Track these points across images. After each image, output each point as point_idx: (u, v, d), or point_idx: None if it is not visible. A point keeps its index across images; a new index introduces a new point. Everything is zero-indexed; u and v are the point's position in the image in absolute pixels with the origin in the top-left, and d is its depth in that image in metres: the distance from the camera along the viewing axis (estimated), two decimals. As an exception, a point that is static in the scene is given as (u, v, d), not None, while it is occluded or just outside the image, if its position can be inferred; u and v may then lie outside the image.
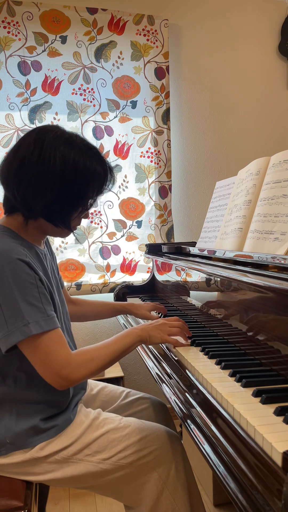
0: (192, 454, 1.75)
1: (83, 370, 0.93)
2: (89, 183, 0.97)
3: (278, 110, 2.56)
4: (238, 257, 1.14)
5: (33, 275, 0.91)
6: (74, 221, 1.03)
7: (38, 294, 0.91)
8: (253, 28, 2.49)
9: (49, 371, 0.91)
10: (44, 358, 0.90)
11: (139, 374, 2.38)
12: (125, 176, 2.28)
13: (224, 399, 0.74)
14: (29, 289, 0.89)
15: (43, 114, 2.14)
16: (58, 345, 0.91)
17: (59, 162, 0.92)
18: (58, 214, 0.98)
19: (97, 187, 1.00)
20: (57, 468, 1.00)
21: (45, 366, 0.91)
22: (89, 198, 1.01)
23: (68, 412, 1.04)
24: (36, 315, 0.89)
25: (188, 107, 2.43)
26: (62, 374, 0.91)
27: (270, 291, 0.86)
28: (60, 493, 1.81)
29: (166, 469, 1.03)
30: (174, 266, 1.59)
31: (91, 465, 1.00)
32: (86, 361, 0.95)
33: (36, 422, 0.98)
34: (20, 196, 0.95)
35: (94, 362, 0.95)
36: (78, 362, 0.93)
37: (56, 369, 0.90)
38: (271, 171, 1.20)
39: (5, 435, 0.97)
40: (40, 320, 0.89)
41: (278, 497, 0.52)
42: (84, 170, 0.95)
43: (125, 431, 1.04)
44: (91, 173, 0.96)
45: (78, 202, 0.99)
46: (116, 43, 2.20)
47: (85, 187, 0.97)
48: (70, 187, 0.94)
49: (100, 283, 2.26)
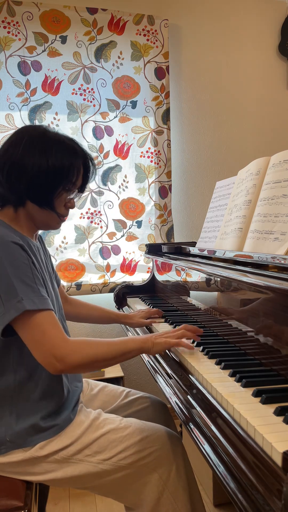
0: (192, 454, 1.75)
1: (79, 356, 0.92)
2: (67, 165, 1.01)
3: (278, 110, 2.56)
4: (238, 257, 1.14)
5: (26, 257, 0.94)
6: (59, 204, 1.05)
7: (32, 274, 0.93)
8: (253, 28, 2.49)
9: (43, 351, 0.90)
10: (39, 337, 0.90)
11: (139, 374, 2.38)
12: (125, 176, 2.28)
13: (224, 399, 0.74)
14: (23, 269, 0.92)
15: (43, 114, 2.14)
16: (53, 326, 0.91)
17: (38, 147, 0.99)
18: (40, 193, 1.01)
19: (74, 171, 1.03)
20: (57, 468, 1.00)
21: (40, 345, 0.90)
22: (68, 181, 1.03)
23: (68, 411, 1.04)
24: (30, 293, 0.90)
25: (188, 107, 2.43)
26: (57, 355, 0.89)
27: (270, 291, 0.86)
28: (60, 493, 1.81)
29: (167, 470, 1.03)
30: (174, 266, 1.59)
31: (91, 466, 1.00)
32: (83, 348, 0.94)
33: (36, 421, 0.98)
34: (5, 178, 1.00)
35: (91, 351, 0.94)
36: (74, 346, 0.93)
37: (51, 349, 0.90)
38: (271, 171, 1.20)
39: (5, 433, 0.97)
40: (33, 298, 0.90)
41: (278, 497, 0.52)
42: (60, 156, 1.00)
43: (125, 431, 1.03)
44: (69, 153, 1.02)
45: (57, 182, 1.02)
46: (116, 43, 2.20)
47: (62, 169, 1.01)
48: (49, 167, 0.99)
49: (100, 283, 2.26)
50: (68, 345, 0.91)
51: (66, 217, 1.10)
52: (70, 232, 2.22)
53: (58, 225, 1.10)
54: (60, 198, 1.04)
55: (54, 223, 1.08)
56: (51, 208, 1.04)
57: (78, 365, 0.93)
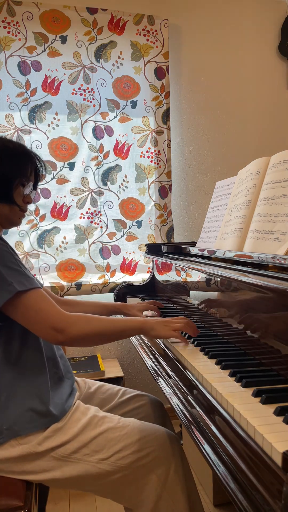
0: (192, 454, 1.75)
1: (79, 327, 0.96)
2: (17, 158, 1.10)
3: (278, 110, 2.56)
4: (238, 257, 1.14)
5: (5, 245, 0.98)
6: (17, 198, 1.10)
7: (14, 259, 0.98)
8: (253, 28, 2.49)
9: (43, 326, 0.94)
10: (35, 315, 0.94)
11: (139, 374, 2.38)
12: (125, 176, 2.28)
13: (224, 399, 0.74)
14: (6, 256, 0.96)
15: (43, 114, 2.14)
16: (47, 303, 0.96)
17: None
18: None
19: (24, 161, 1.11)
20: (56, 467, 1.00)
21: (38, 322, 0.94)
22: (23, 175, 1.10)
23: (61, 398, 1.05)
24: (17, 276, 0.95)
25: (188, 107, 2.43)
26: (56, 327, 0.94)
27: (270, 291, 0.86)
28: (60, 493, 1.81)
29: (165, 471, 1.03)
30: (174, 266, 1.59)
31: (89, 466, 1.00)
32: (81, 319, 0.98)
33: (30, 405, 1.00)
34: None
35: (91, 323, 0.99)
36: (73, 318, 0.97)
37: (51, 322, 0.94)
38: (271, 171, 1.20)
39: (1, 422, 0.99)
40: (22, 279, 0.95)
41: (278, 497, 0.52)
42: (9, 152, 1.08)
43: (123, 430, 1.04)
44: (13, 149, 1.10)
45: (11, 174, 1.08)
46: (116, 43, 2.20)
47: (13, 160, 1.09)
48: (4, 165, 1.07)
49: (100, 283, 2.26)
50: (65, 317, 0.96)
51: (26, 211, 1.16)
52: (70, 232, 2.22)
53: (20, 220, 1.15)
54: (18, 192, 1.10)
55: (16, 217, 1.13)
56: (11, 201, 1.09)
57: (79, 336, 0.97)
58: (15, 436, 0.98)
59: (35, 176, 1.16)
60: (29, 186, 1.15)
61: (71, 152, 2.19)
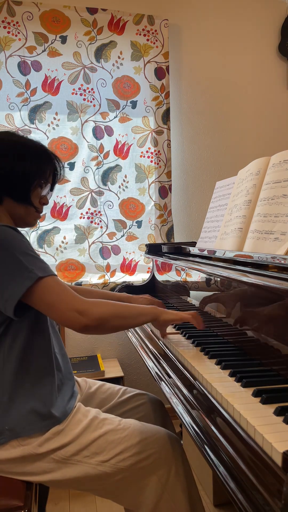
0: (192, 454, 1.75)
1: (99, 309, 0.98)
2: (38, 158, 1.10)
3: (278, 110, 2.56)
4: (238, 257, 1.14)
5: (22, 235, 1.00)
6: (34, 199, 1.10)
7: (31, 247, 1.00)
8: (253, 28, 2.49)
9: (65, 309, 0.95)
10: (56, 298, 0.95)
11: (139, 374, 2.38)
12: (125, 176, 2.28)
13: (224, 399, 0.74)
14: (24, 245, 0.98)
15: (43, 114, 2.14)
16: (65, 287, 0.98)
17: (9, 146, 1.08)
18: (17, 187, 1.07)
19: (45, 163, 1.13)
20: (56, 469, 1.00)
21: (59, 305, 0.95)
22: (42, 174, 1.11)
23: (63, 400, 1.05)
24: (37, 262, 0.96)
25: (188, 107, 2.43)
26: (79, 309, 0.95)
27: (270, 291, 0.86)
28: (60, 493, 1.81)
29: (166, 473, 1.02)
30: (174, 266, 1.59)
31: (89, 467, 1.00)
32: (101, 303, 1.01)
33: (32, 407, 0.99)
34: None
35: (110, 306, 1.01)
36: (93, 301, 0.99)
37: (72, 305, 0.95)
38: (271, 171, 1.20)
39: (3, 422, 0.98)
40: (41, 265, 0.96)
41: (278, 497, 0.52)
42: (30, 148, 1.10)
43: (124, 433, 1.03)
44: (37, 149, 1.11)
45: (32, 175, 1.09)
46: (116, 43, 2.20)
47: (35, 161, 1.09)
48: (22, 162, 1.07)
49: (100, 283, 2.26)
50: (85, 301, 0.98)
51: (41, 213, 1.17)
52: (70, 232, 2.22)
53: (35, 221, 1.16)
54: (35, 193, 1.10)
55: (31, 218, 1.13)
56: (28, 201, 1.09)
57: (101, 317, 0.98)
58: (16, 437, 0.98)
59: (53, 178, 1.17)
60: (47, 188, 1.15)
61: (71, 152, 2.19)
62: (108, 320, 0.99)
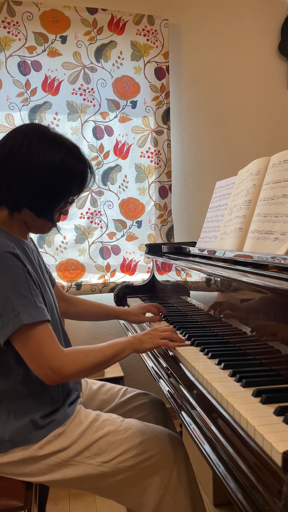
0: (192, 454, 1.75)
1: (74, 366, 0.94)
2: (73, 180, 1.02)
3: (278, 110, 2.56)
4: (238, 257, 1.14)
5: (22, 267, 0.93)
6: (56, 214, 1.07)
7: (27, 285, 0.92)
8: (253, 28, 2.49)
9: (40, 364, 0.91)
10: (35, 350, 0.91)
11: (139, 374, 2.37)
12: (125, 176, 2.28)
13: (224, 399, 0.74)
14: (19, 280, 0.91)
15: (43, 114, 2.14)
16: (49, 339, 0.92)
17: (47, 156, 0.97)
18: (42, 205, 1.01)
19: (79, 184, 1.05)
20: (56, 470, 0.99)
21: (36, 358, 0.91)
22: (72, 194, 1.05)
23: (65, 408, 1.04)
24: (26, 305, 0.90)
25: (188, 107, 2.43)
26: (54, 367, 0.91)
27: (270, 291, 0.86)
28: (60, 493, 1.81)
29: (168, 473, 1.02)
30: (174, 266, 1.59)
31: (90, 468, 0.99)
32: (78, 358, 0.96)
33: (33, 418, 0.99)
34: (6, 184, 0.97)
35: (85, 360, 0.96)
36: (70, 357, 0.94)
37: (48, 361, 0.91)
38: (271, 171, 1.20)
39: (4, 432, 0.97)
40: (30, 310, 0.90)
41: (278, 497, 0.52)
42: (69, 167, 1.00)
43: (125, 433, 1.03)
44: (75, 171, 1.02)
45: (61, 196, 1.03)
46: (116, 43, 2.20)
47: (69, 183, 1.02)
48: (56, 181, 0.99)
49: (100, 283, 2.26)
50: (63, 356, 0.93)
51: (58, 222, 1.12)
52: (70, 232, 2.22)
53: (50, 230, 1.12)
54: (58, 209, 1.06)
55: (46, 228, 1.09)
56: (50, 219, 1.05)
57: (73, 375, 0.96)
58: (16, 447, 0.98)
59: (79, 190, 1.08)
60: (71, 202, 1.09)
61: (71, 152, 2.19)
62: (81, 375, 0.97)
